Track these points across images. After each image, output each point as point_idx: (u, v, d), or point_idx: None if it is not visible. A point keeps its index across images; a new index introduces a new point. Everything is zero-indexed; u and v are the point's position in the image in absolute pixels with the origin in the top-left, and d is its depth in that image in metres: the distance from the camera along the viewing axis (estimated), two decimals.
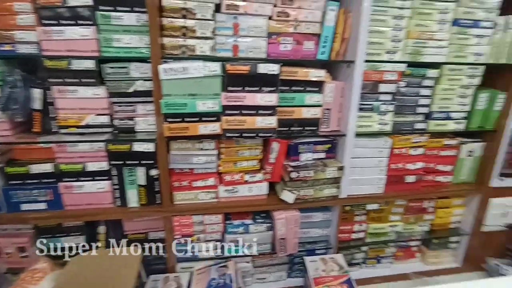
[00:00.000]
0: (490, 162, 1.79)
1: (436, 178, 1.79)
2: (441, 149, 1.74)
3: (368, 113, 1.57)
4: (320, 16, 1.44)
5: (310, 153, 1.62)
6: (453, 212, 1.92)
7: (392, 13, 1.46)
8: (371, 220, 1.85)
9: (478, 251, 1.98)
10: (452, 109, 1.66)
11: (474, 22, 1.53)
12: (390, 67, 1.52)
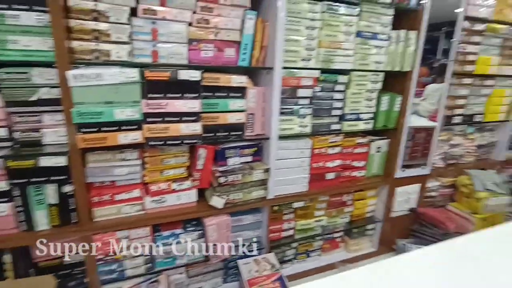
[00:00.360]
0: (394, 156, 2.05)
1: (352, 173, 1.99)
2: (355, 147, 1.94)
3: (289, 116, 1.67)
4: (239, 24, 1.49)
5: (237, 158, 1.65)
6: (368, 202, 2.15)
7: (304, 24, 1.58)
8: (299, 217, 1.96)
9: (389, 234, 2.25)
10: (361, 111, 1.86)
11: (373, 34, 1.75)
12: (306, 74, 1.64)
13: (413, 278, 0.88)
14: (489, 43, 2.14)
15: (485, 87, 2.28)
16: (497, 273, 0.90)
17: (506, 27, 2.15)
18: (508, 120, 2.50)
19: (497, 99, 2.35)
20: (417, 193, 2.24)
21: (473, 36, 2.05)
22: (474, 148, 2.46)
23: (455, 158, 2.39)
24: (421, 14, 1.81)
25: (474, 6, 1.96)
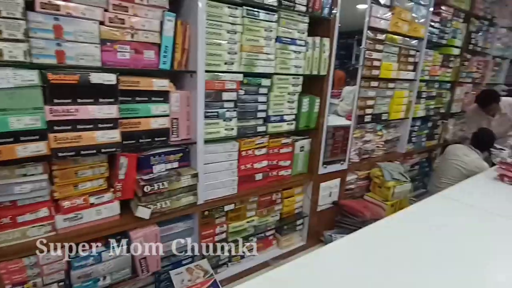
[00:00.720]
0: (316, 154, 2.20)
1: (280, 173, 2.07)
2: (280, 147, 2.03)
3: (215, 120, 1.67)
4: (158, 25, 1.43)
5: (163, 164, 1.58)
6: (296, 199, 2.27)
7: (226, 28, 1.60)
8: (231, 220, 1.97)
9: (317, 227, 2.40)
10: (284, 112, 1.96)
11: (292, 40, 1.85)
12: (229, 77, 1.66)
13: (337, 265, 0.96)
14: (389, 51, 2.46)
15: (388, 89, 2.60)
16: (404, 250, 1.04)
17: (401, 37, 2.49)
18: (407, 117, 2.91)
19: (398, 99, 2.71)
20: (338, 187, 2.44)
21: (376, 45, 2.33)
22: (382, 143, 2.79)
23: (368, 153, 2.68)
24: (333, 23, 1.98)
25: (375, 18, 2.23)
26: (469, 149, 2.63)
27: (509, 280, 0.94)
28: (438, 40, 2.94)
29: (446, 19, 2.94)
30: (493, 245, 1.12)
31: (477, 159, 2.53)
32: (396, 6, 2.36)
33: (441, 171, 2.74)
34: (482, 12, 3.42)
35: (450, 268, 0.96)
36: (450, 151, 2.74)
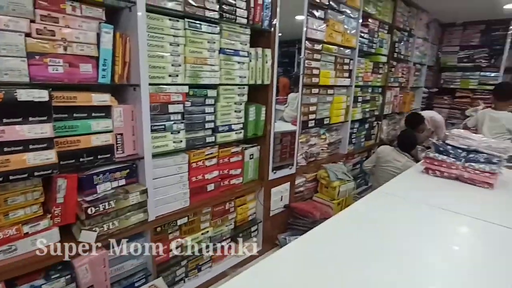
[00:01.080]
0: (265, 160, 2.27)
1: (231, 182, 2.09)
2: (230, 156, 2.05)
3: (162, 133, 1.63)
4: (94, 37, 1.36)
5: (109, 182, 1.50)
6: (249, 206, 2.30)
7: (168, 40, 1.58)
8: (185, 234, 1.93)
9: (271, 232, 2.46)
10: (232, 122, 1.99)
11: (235, 51, 1.90)
12: (174, 89, 1.64)
13: (291, 267, 1.00)
14: (326, 60, 2.65)
15: (328, 95, 2.79)
16: (351, 245, 1.12)
17: (336, 47, 2.70)
18: (347, 120, 3.14)
19: (337, 104, 2.92)
20: (288, 191, 2.54)
21: (315, 54, 2.49)
22: (326, 146, 2.97)
23: (314, 156, 2.83)
24: (274, 34, 2.08)
25: (312, 30, 2.39)
26: (398, 153, 2.87)
27: (437, 260, 1.07)
28: (368, 49, 3.24)
29: (373, 31, 3.27)
30: (423, 230, 1.27)
31: (407, 162, 2.78)
32: (330, 19, 2.56)
33: (379, 177, 2.94)
34: (402, 25, 3.87)
35: (391, 255, 1.07)
36: (382, 157, 2.91)
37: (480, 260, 1.10)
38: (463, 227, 1.35)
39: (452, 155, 1.81)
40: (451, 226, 1.34)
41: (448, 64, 5.36)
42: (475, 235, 1.29)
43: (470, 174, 1.74)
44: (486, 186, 1.70)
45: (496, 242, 1.20)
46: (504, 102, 2.89)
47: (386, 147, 3.02)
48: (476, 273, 1.02)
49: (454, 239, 1.27)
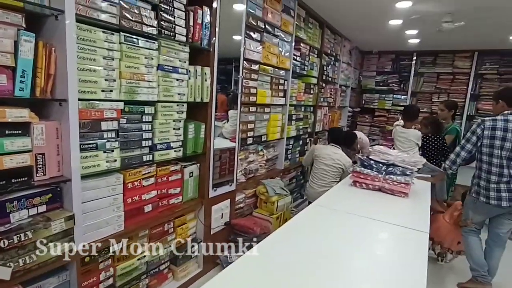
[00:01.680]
0: (205, 178, 2.24)
1: (170, 201, 2.01)
2: (169, 175, 1.98)
3: (93, 152, 1.51)
4: (11, 46, 1.22)
5: (25, 210, 1.31)
6: (189, 226, 2.23)
7: (101, 53, 1.49)
8: (118, 261, 1.77)
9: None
10: (171, 140, 1.93)
11: (174, 68, 1.87)
12: (108, 105, 1.54)
13: None
14: (263, 80, 2.77)
15: (265, 113, 2.91)
16: (292, 257, 1.16)
17: (271, 68, 2.85)
18: (283, 137, 3.30)
19: (274, 122, 3.06)
20: (228, 208, 2.53)
21: (252, 74, 2.59)
22: (264, 162, 3.07)
23: (253, 172, 2.89)
24: (213, 54, 2.11)
25: (249, 51, 2.49)
26: (334, 147, 3.09)
27: (365, 263, 1.18)
28: (300, 71, 3.50)
29: (305, 54, 3.54)
30: (353, 238, 1.39)
31: (343, 153, 3.04)
32: (266, 41, 2.71)
33: (318, 173, 3.05)
34: (329, 50, 4.27)
35: (329, 263, 1.14)
36: (321, 154, 3.06)
37: (398, 260, 1.24)
38: (384, 233, 1.51)
39: (375, 169, 2.04)
40: (376, 232, 1.49)
41: (368, 86, 6.07)
42: (394, 239, 1.46)
43: (389, 185, 1.97)
44: (402, 195, 1.95)
45: (411, 244, 1.37)
46: (411, 122, 3.37)
47: (322, 145, 3.29)
48: (396, 271, 1.15)
49: (378, 243, 1.42)
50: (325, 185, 2.93)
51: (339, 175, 2.96)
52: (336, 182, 2.84)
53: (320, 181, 3.00)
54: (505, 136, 2.10)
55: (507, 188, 2.13)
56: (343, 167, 2.93)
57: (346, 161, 2.97)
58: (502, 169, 2.13)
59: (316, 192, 2.90)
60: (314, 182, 3.03)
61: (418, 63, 5.57)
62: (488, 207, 2.21)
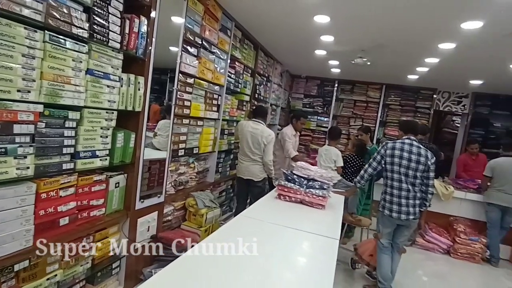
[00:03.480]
0: (133, 189, 2.16)
1: (91, 214, 1.88)
2: (92, 185, 1.86)
3: (2, 157, 1.35)
4: None
5: None
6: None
7: (20, 50, 1.38)
8: (24, 281, 1.57)
9: (135, 266, 2.29)
10: (96, 148, 1.83)
11: (105, 74, 1.81)
12: (25, 107, 1.41)
13: None
14: (197, 94, 2.82)
15: (198, 126, 2.95)
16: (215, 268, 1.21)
17: (206, 83, 2.93)
18: (214, 151, 3.36)
19: (206, 135, 3.11)
20: (156, 220, 2.46)
21: (187, 87, 2.62)
22: (195, 174, 3.07)
23: (183, 184, 2.87)
24: (148, 63, 2.09)
25: (185, 65, 2.53)
26: (256, 123, 3.34)
27: (282, 265, 1.30)
28: (234, 88, 3.64)
29: (239, 73, 3.71)
30: (277, 246, 1.51)
31: (265, 127, 3.33)
32: (202, 57, 2.78)
33: (245, 147, 3.31)
34: (262, 71, 4.55)
35: (254, 269, 1.22)
36: (244, 129, 3.33)
37: (311, 262, 1.40)
38: (301, 240, 1.67)
39: (297, 183, 2.24)
40: (294, 239, 1.64)
41: (296, 107, 6.55)
42: (309, 245, 1.63)
43: (309, 198, 2.18)
44: (320, 207, 2.17)
45: (326, 250, 1.55)
46: (333, 141, 3.80)
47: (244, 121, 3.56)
48: (309, 272, 1.29)
49: (295, 249, 1.56)
50: (250, 161, 3.29)
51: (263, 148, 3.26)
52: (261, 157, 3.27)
53: (245, 157, 3.31)
54: (401, 155, 2.53)
55: (406, 203, 2.54)
56: (264, 141, 3.23)
57: (268, 135, 3.25)
58: (401, 184, 2.54)
59: (244, 166, 3.31)
60: (241, 158, 3.35)
61: (339, 90, 6.28)
62: (391, 219, 2.59)
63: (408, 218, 2.53)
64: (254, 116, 3.47)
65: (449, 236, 4.03)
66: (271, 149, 3.32)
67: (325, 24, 3.10)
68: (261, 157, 3.31)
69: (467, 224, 4.08)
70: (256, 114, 3.50)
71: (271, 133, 3.31)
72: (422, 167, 2.51)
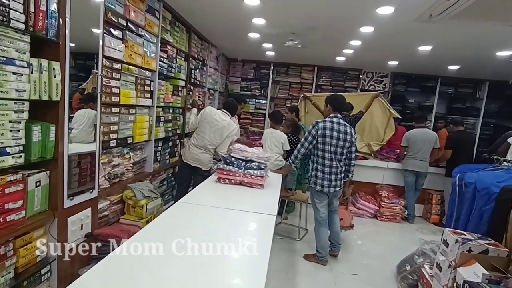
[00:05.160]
0: (58, 187, 1.97)
1: (8, 218, 1.68)
2: (6, 186, 1.65)
3: None
4: None
5: None
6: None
7: None
8: None
9: (70, 268, 2.14)
10: (6, 144, 1.62)
11: (8, 59, 1.58)
12: None
13: None
14: (126, 80, 2.65)
15: (130, 115, 2.78)
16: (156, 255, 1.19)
17: (136, 68, 2.75)
18: (151, 139, 3.22)
19: (140, 124, 2.96)
20: (90, 217, 2.30)
21: (114, 73, 2.44)
22: (131, 165, 2.92)
23: (118, 176, 2.71)
24: (63, 46, 1.88)
25: (109, 48, 2.34)
26: (224, 114, 3.32)
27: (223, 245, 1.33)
28: (168, 73, 3.50)
29: (172, 57, 3.56)
30: (214, 226, 1.54)
31: (231, 121, 3.32)
32: (129, 40, 2.59)
33: (205, 135, 3.24)
34: (197, 55, 4.43)
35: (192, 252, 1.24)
36: (211, 116, 3.27)
37: (250, 237, 1.45)
38: (240, 219, 1.72)
39: (236, 165, 2.28)
40: (233, 219, 1.69)
41: (234, 91, 6.56)
42: (248, 222, 1.69)
43: (248, 179, 2.25)
44: (259, 187, 2.25)
45: (263, 225, 1.63)
46: (277, 125, 3.91)
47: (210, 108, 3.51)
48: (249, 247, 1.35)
49: (234, 228, 1.61)
50: (203, 150, 3.25)
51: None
52: None
53: (199, 144, 3.24)
54: (331, 134, 2.73)
55: (335, 178, 2.79)
56: (227, 133, 3.23)
57: (234, 128, 3.28)
58: (332, 162, 2.76)
59: (194, 153, 3.24)
60: (194, 144, 3.26)
61: (275, 73, 6.44)
62: (323, 193, 2.82)
63: (336, 190, 2.82)
64: (225, 108, 3.40)
65: (375, 202, 4.54)
66: (229, 143, 3.30)
67: (255, 7, 3.11)
68: (215, 148, 3.28)
69: (390, 190, 4.63)
70: (227, 107, 3.44)
71: (235, 127, 3.31)
72: (348, 144, 2.76)
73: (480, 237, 2.02)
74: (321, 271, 2.84)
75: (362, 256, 3.27)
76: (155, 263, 1.16)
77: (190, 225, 1.55)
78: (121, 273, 1.09)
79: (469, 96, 6.40)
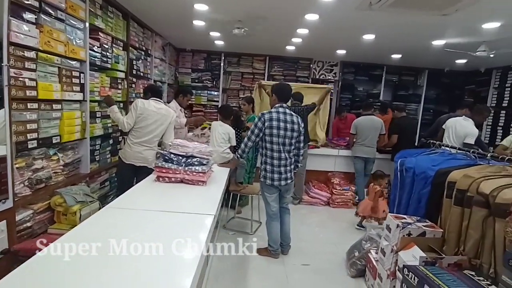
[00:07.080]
0: None
1: None
2: None
3: None
4: None
5: None
6: None
7: None
8: None
9: None
10: None
11: None
12: None
13: None
14: (45, 71, 2.31)
15: (54, 111, 2.45)
16: None
17: (58, 58, 2.42)
18: (85, 137, 2.91)
19: (69, 121, 2.64)
20: (5, 232, 2.00)
21: (27, 63, 2.11)
22: (61, 167, 2.61)
23: (44, 181, 2.39)
24: None
25: (18, 34, 2.01)
26: (157, 102, 3.04)
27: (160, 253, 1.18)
28: (103, 64, 3.17)
29: (106, 46, 3.23)
30: (148, 234, 1.37)
31: (167, 107, 3.17)
32: (45, 25, 2.26)
33: (146, 131, 2.94)
34: (138, 44, 4.09)
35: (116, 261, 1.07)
36: (144, 112, 2.90)
37: (183, 241, 1.30)
38: (174, 222, 1.53)
39: (176, 162, 2.11)
40: (166, 223, 1.51)
41: (184, 83, 6.27)
42: (182, 225, 1.50)
43: (190, 176, 2.09)
44: (201, 184, 2.11)
45: (196, 226, 1.49)
46: (226, 120, 3.73)
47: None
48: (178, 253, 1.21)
49: (166, 232, 1.43)
50: (147, 146, 2.98)
51: None
52: None
53: (142, 141, 2.95)
54: (279, 125, 2.64)
55: (285, 170, 2.70)
56: (169, 121, 3.04)
57: (172, 113, 3.11)
58: (280, 154, 2.67)
59: (137, 151, 2.95)
60: (135, 142, 2.94)
61: (226, 63, 6.25)
62: (274, 187, 2.74)
63: (287, 182, 2.74)
64: (152, 95, 3.12)
65: (328, 189, 4.62)
66: (173, 130, 3.09)
67: None
68: (159, 140, 3.04)
69: (341, 177, 4.74)
70: (153, 92, 3.20)
71: (173, 113, 3.12)
72: (296, 134, 2.70)
73: (418, 219, 2.09)
74: (273, 264, 2.80)
75: (315, 245, 3.28)
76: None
77: (115, 233, 1.36)
78: None
79: (411, 83, 6.77)
